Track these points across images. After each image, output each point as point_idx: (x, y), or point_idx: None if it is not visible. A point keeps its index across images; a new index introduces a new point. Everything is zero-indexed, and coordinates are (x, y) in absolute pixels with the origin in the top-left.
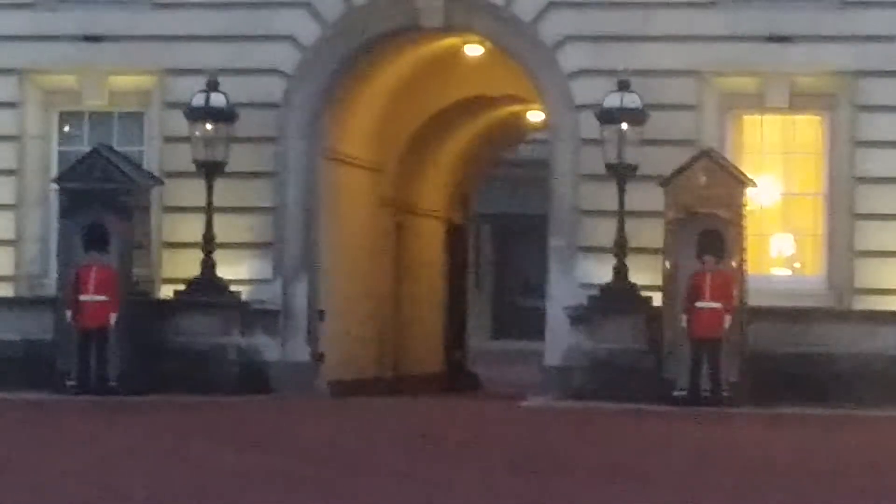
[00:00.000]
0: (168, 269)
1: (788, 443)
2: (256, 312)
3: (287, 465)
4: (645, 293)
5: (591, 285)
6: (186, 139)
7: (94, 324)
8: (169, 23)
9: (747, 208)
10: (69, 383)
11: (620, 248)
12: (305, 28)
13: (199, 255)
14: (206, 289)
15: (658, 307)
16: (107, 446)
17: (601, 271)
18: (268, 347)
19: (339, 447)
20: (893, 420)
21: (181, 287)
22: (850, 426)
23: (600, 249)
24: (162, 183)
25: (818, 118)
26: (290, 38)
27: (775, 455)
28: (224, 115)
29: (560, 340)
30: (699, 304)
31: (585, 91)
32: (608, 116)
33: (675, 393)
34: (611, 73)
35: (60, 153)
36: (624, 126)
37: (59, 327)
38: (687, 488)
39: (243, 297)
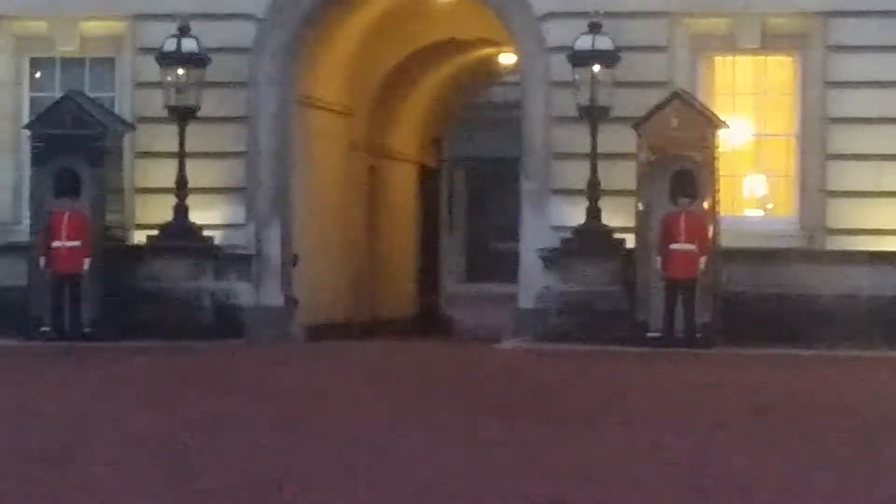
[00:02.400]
0: (141, 215)
1: (760, 383)
2: (230, 257)
3: (259, 408)
4: (618, 235)
5: (564, 228)
6: (158, 84)
7: (68, 270)
8: None
9: (719, 150)
10: (43, 329)
11: (593, 191)
12: None
13: (171, 200)
14: (179, 234)
15: (631, 249)
16: (80, 392)
17: (574, 214)
18: (241, 292)
19: (312, 391)
20: (864, 360)
21: (154, 232)
22: (822, 366)
23: (573, 192)
24: (134, 128)
25: (790, 59)
26: None
27: (747, 395)
28: (196, 61)
29: (533, 283)
30: (673, 246)
31: (557, 33)
32: (580, 58)
33: (649, 334)
34: (582, 14)
35: (32, 99)
36: (596, 68)
37: (32, 274)
38: (658, 429)
39: (216, 241)
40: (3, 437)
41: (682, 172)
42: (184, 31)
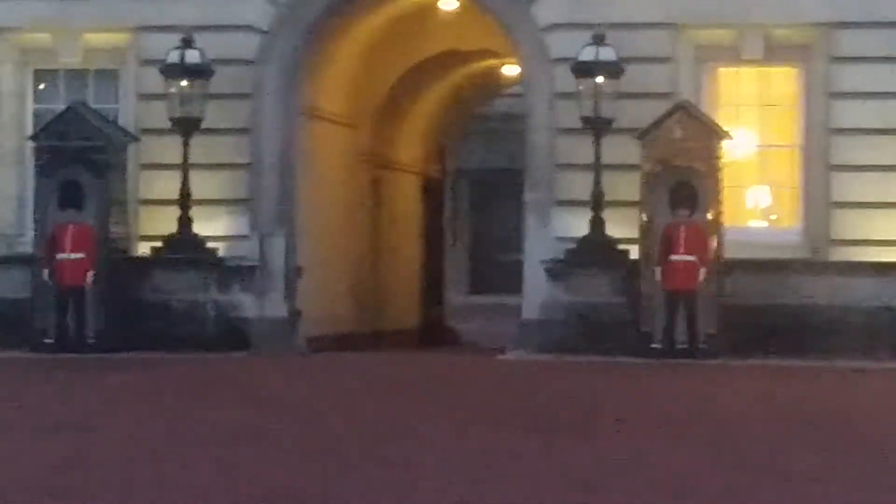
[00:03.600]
0: (145, 227)
1: (762, 394)
2: (234, 269)
3: (264, 421)
4: (622, 246)
5: (567, 239)
6: (162, 96)
7: (72, 282)
8: None
9: (723, 161)
10: (47, 341)
11: (597, 202)
12: None
13: (175, 212)
14: (183, 246)
15: (635, 260)
16: (85, 404)
17: (578, 225)
18: (245, 304)
19: (317, 403)
20: (868, 371)
21: (158, 244)
22: (826, 377)
23: (577, 203)
24: (138, 140)
25: (793, 70)
26: None
27: (748, 406)
28: (199, 72)
29: (537, 294)
30: (673, 257)
31: (561, 44)
32: (583, 70)
33: (653, 345)
34: (586, 26)
35: (36, 111)
36: (599, 79)
37: (36, 285)
38: (651, 439)
39: (220, 253)
40: (11, 448)
41: (682, 184)
42: (187, 43)
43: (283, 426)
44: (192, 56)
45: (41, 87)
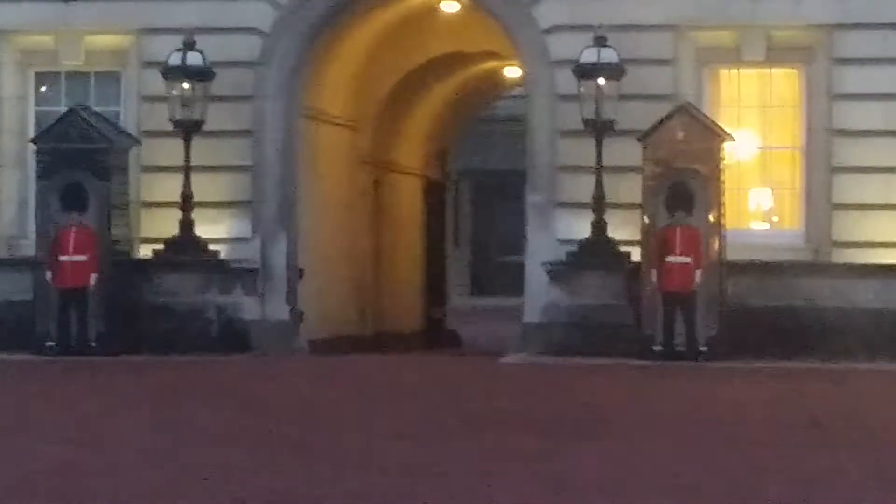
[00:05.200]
0: (146, 229)
1: (760, 396)
2: (235, 271)
3: (266, 423)
4: (623, 248)
5: (569, 241)
6: (164, 98)
7: (74, 284)
8: None
9: (725, 162)
10: (49, 344)
11: (599, 204)
12: None
13: (177, 214)
14: (185, 248)
15: (637, 262)
16: (87, 407)
17: (580, 227)
18: (247, 306)
19: (318, 405)
20: (870, 373)
21: (160, 246)
22: (827, 379)
23: (579, 205)
24: (139, 142)
25: (795, 71)
26: None
27: (751, 407)
28: (201, 74)
29: (539, 296)
30: (669, 259)
31: (562, 46)
32: (585, 72)
33: (654, 348)
34: (587, 28)
35: (37, 113)
36: (601, 81)
37: (39, 288)
38: (659, 441)
39: (222, 255)
40: (10, 451)
41: (679, 185)
42: (189, 45)
43: (279, 429)
44: (194, 58)
45: (43, 89)
